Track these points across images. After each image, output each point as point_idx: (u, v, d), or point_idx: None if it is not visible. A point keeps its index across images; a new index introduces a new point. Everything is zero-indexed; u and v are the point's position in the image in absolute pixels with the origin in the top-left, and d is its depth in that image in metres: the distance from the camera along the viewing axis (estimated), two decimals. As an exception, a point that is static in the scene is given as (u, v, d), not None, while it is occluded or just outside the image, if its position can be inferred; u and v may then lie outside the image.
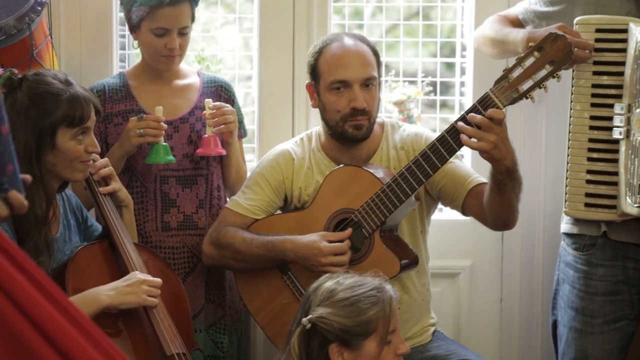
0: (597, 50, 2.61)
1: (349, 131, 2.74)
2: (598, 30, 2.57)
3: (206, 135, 2.90)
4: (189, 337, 2.61)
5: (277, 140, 3.14)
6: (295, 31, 3.33)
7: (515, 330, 3.38)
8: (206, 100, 2.90)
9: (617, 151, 2.58)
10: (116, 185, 2.65)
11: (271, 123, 3.36)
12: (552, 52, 2.43)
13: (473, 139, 2.47)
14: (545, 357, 3.34)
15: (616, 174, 2.57)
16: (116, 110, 2.96)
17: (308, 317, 2.25)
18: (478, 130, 2.46)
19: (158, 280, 2.47)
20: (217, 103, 2.91)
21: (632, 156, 2.52)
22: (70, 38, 3.29)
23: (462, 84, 3.40)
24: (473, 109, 2.49)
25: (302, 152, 2.88)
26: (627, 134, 2.54)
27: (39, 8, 2.82)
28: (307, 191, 2.83)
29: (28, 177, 1.44)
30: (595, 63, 2.61)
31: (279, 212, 2.90)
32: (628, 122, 2.54)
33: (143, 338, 2.47)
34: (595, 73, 2.61)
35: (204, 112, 2.89)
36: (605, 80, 2.60)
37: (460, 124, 2.50)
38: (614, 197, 2.58)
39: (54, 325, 1.19)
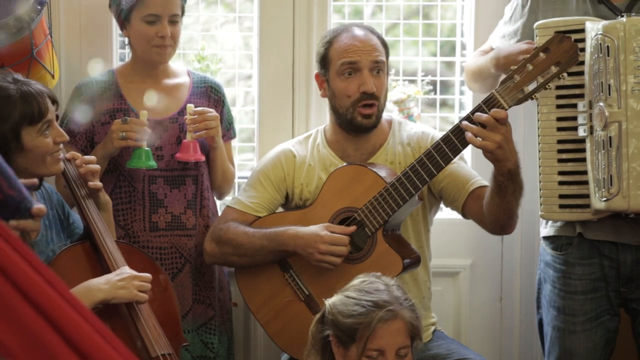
0: None
1: (358, 119, 2.76)
2: (557, 33, 2.56)
3: (185, 140, 2.88)
4: (177, 335, 2.57)
5: (277, 139, 3.14)
6: (295, 30, 3.33)
7: (515, 329, 3.38)
8: (188, 105, 2.88)
9: (585, 150, 2.59)
10: (99, 183, 2.62)
11: (271, 122, 3.36)
12: (558, 53, 2.44)
13: (478, 138, 2.47)
14: (545, 356, 3.35)
15: (586, 172, 2.58)
16: (104, 109, 2.93)
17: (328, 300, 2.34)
18: (483, 129, 2.47)
19: (148, 275, 2.44)
20: (199, 108, 2.88)
21: (596, 151, 2.53)
22: (70, 37, 3.28)
23: (462, 83, 3.39)
24: (478, 109, 2.50)
25: (304, 151, 2.89)
26: (591, 130, 2.55)
27: (39, 7, 2.82)
28: (309, 188, 2.83)
29: (35, 180, 1.44)
30: None
31: (280, 209, 2.91)
32: (591, 119, 2.55)
33: (128, 338, 2.42)
34: None
35: (185, 117, 2.87)
36: (568, 80, 2.60)
37: (465, 122, 2.51)
38: (587, 196, 2.58)
39: (63, 314, 1.19)
